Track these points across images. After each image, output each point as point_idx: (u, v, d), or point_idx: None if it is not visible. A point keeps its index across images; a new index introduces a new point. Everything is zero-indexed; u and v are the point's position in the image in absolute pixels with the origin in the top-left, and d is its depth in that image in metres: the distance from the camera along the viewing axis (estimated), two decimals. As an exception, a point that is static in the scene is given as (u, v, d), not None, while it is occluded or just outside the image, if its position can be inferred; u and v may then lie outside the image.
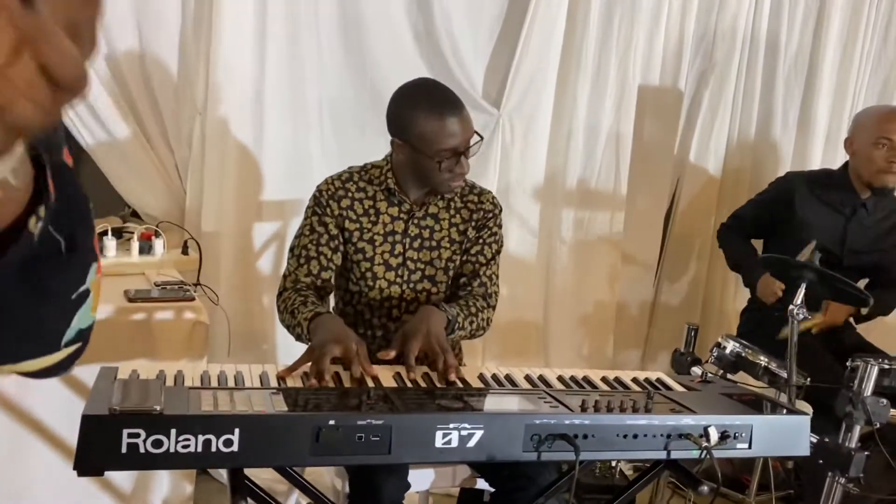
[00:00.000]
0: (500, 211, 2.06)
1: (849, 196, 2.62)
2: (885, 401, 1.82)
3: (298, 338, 1.80)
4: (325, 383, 1.46)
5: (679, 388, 1.70)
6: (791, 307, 1.96)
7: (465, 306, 1.90)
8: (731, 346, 2.19)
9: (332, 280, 1.95)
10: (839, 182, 2.63)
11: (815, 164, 3.20)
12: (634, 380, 1.73)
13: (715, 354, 2.21)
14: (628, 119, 2.99)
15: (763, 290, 2.53)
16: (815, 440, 1.93)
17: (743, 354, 2.16)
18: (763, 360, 2.13)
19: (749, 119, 3.16)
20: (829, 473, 1.85)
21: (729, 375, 2.25)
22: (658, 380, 1.74)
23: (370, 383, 1.51)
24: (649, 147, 3.08)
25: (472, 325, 1.91)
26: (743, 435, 1.50)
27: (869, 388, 1.82)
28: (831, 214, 2.65)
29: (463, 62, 2.77)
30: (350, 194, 1.95)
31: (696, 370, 2.29)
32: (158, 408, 1.18)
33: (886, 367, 1.86)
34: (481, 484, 1.81)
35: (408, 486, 1.70)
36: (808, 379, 2.16)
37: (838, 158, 3.00)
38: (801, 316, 1.94)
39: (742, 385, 2.19)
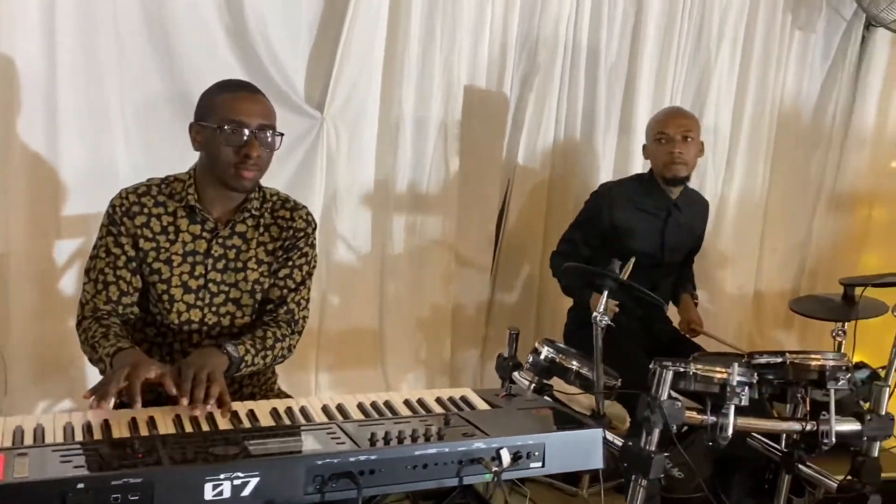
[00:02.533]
0: (314, 229, 1.98)
1: (661, 200, 2.74)
2: (679, 403, 1.89)
3: (102, 373, 1.66)
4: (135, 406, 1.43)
5: (482, 406, 1.70)
6: (594, 314, 2.01)
7: (261, 339, 1.82)
8: (545, 352, 2.22)
9: (136, 304, 1.82)
10: (649, 187, 2.75)
11: (637, 164, 3.32)
12: (438, 399, 1.71)
13: (531, 360, 2.24)
14: (456, 122, 2.98)
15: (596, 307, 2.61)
16: (619, 443, 2.01)
17: (557, 360, 2.20)
18: (574, 364, 2.18)
19: (574, 121, 3.23)
20: (633, 476, 1.92)
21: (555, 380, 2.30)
22: (462, 398, 1.73)
23: (144, 430, 1.40)
24: (478, 150, 3.09)
25: (267, 359, 1.83)
26: (536, 454, 1.51)
27: (665, 392, 1.89)
28: (648, 220, 2.76)
29: (281, 65, 2.66)
30: (146, 210, 1.82)
31: (518, 375, 2.33)
32: None
33: (682, 370, 1.93)
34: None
35: None
36: (619, 380, 2.23)
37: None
38: (605, 323, 2.00)
39: (558, 392, 2.25)
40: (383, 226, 2.96)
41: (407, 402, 1.67)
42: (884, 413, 2.01)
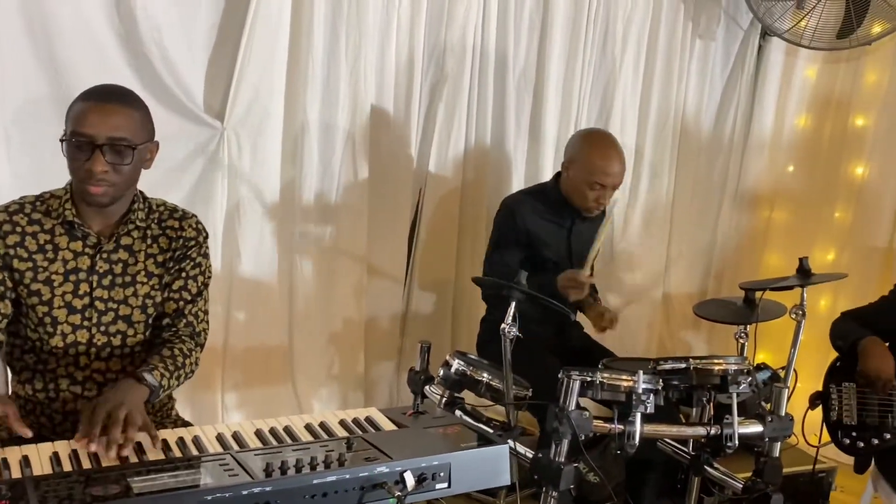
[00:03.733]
0: (206, 238, 1.89)
1: (566, 210, 2.75)
2: (587, 413, 1.89)
3: None
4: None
5: (388, 427, 1.65)
6: (503, 326, 1.99)
7: (171, 358, 1.73)
8: (455, 365, 2.19)
9: (4, 331, 1.70)
10: (554, 198, 2.75)
11: (548, 169, 3.34)
12: (342, 422, 1.65)
13: (441, 374, 2.20)
14: (364, 130, 2.92)
15: None
16: (530, 455, 1.99)
17: (468, 373, 2.17)
18: (485, 376, 2.15)
19: (484, 128, 3.22)
20: (544, 488, 1.90)
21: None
22: (368, 419, 1.68)
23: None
24: (388, 158, 3.04)
25: (180, 379, 1.75)
26: (442, 475, 1.48)
27: (573, 402, 1.89)
28: (554, 230, 2.77)
29: (178, 74, 2.55)
30: (19, 229, 1.70)
31: (429, 389, 2.29)
32: None
33: (588, 379, 1.93)
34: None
35: None
36: (530, 390, 2.22)
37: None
38: (513, 334, 1.98)
39: (471, 408, 2.21)
40: (290, 238, 2.87)
41: (308, 427, 1.61)
42: (783, 414, 2.06)
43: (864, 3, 3.28)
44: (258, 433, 1.56)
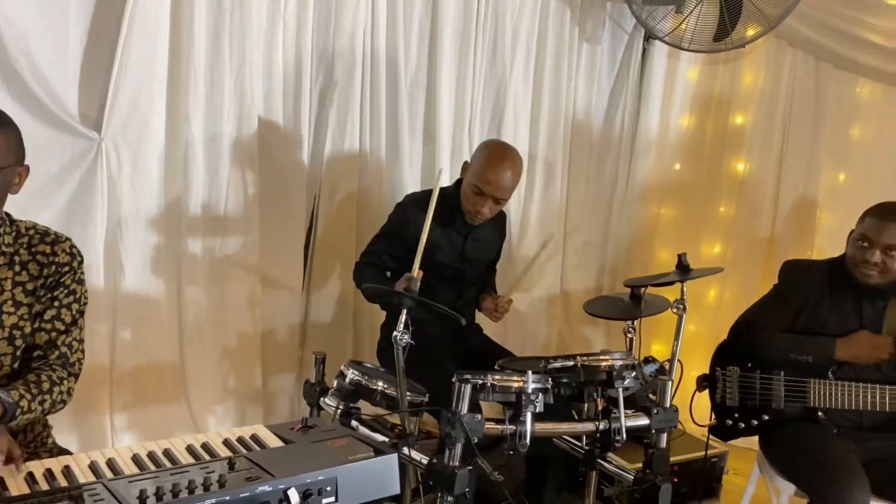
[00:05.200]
0: (81, 262, 1.80)
1: (460, 214, 2.76)
2: (479, 416, 1.90)
3: None
4: None
5: (274, 444, 1.61)
6: (395, 333, 1.98)
7: (36, 383, 1.64)
8: (350, 375, 2.17)
9: None
10: (452, 203, 2.75)
11: (444, 172, 3.35)
12: (226, 441, 1.60)
13: (336, 385, 2.17)
14: (252, 139, 2.86)
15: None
16: (425, 461, 1.99)
17: (362, 383, 2.15)
18: (380, 385, 2.14)
19: (378, 133, 3.21)
20: (439, 493, 1.90)
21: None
22: (253, 436, 1.64)
23: None
24: (279, 166, 2.98)
25: (46, 405, 1.65)
26: (328, 489, 1.45)
27: (465, 406, 1.90)
28: (450, 235, 2.78)
29: (48, 84, 2.43)
30: None
31: (325, 401, 2.26)
32: None
33: (480, 382, 1.95)
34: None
35: None
36: (427, 396, 2.22)
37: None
38: (405, 342, 1.97)
39: (366, 418, 2.19)
40: (177, 251, 2.78)
41: (190, 449, 1.55)
42: (668, 406, 2.13)
43: (738, 8, 3.44)
44: (135, 458, 1.49)
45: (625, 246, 4.03)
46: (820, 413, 2.50)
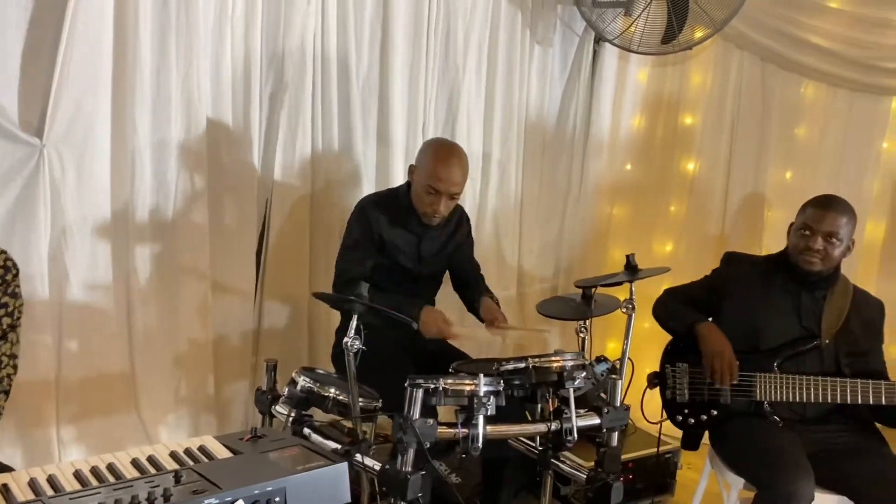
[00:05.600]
0: (16, 275, 1.77)
1: (415, 216, 2.76)
2: (431, 420, 1.90)
3: None
4: None
5: (222, 455, 1.58)
6: (346, 339, 1.97)
7: None
8: (301, 382, 2.15)
9: None
10: (405, 204, 2.76)
11: (398, 173, 3.35)
12: (173, 454, 1.57)
13: (287, 392, 2.15)
14: (200, 143, 2.82)
15: None
16: (377, 467, 1.98)
17: (314, 389, 2.13)
18: (332, 392, 2.12)
19: (331, 135, 3.19)
20: (392, 499, 1.90)
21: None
22: (201, 448, 1.61)
23: None
24: (229, 170, 2.95)
25: None
26: (277, 500, 1.43)
27: (417, 411, 1.89)
28: (406, 235, 2.78)
29: (-15, 88, 2.36)
30: None
31: (276, 409, 2.24)
32: None
33: (432, 386, 1.94)
34: None
35: None
36: (380, 402, 2.21)
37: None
38: (356, 347, 1.96)
39: (318, 425, 2.17)
40: (125, 258, 2.72)
41: (135, 462, 1.52)
42: (619, 405, 2.16)
43: (685, 10, 3.50)
44: (77, 474, 1.45)
45: (579, 245, 4.07)
46: (766, 405, 2.56)
